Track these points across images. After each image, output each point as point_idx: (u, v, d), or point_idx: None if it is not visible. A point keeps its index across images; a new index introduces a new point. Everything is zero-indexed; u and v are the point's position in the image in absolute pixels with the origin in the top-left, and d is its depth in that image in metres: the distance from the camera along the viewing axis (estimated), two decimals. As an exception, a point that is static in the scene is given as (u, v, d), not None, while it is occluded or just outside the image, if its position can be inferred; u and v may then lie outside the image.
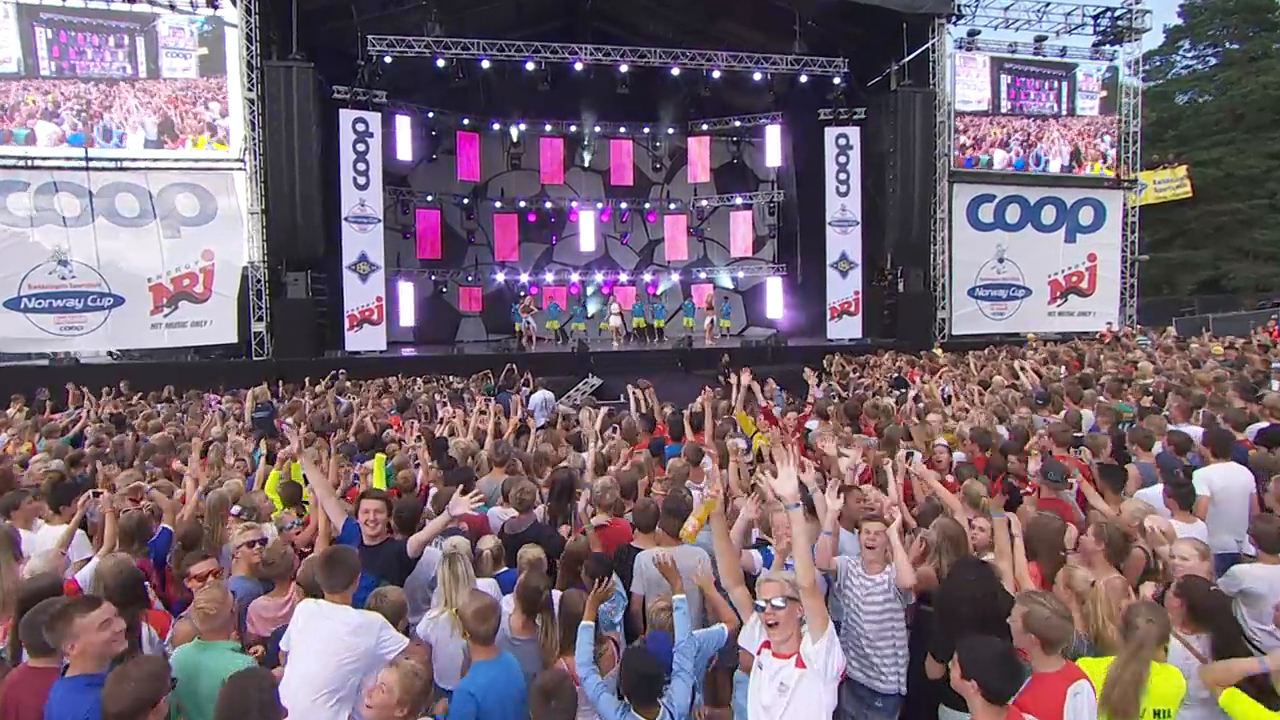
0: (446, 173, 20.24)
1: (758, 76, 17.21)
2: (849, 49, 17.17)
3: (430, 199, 20.15)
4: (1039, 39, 17.93)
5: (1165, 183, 19.24)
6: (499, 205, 21.22)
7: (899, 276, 17.74)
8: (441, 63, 15.81)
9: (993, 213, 17.96)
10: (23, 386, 10.95)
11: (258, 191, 14.79)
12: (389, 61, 15.51)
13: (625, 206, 21.96)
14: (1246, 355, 10.35)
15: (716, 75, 17.04)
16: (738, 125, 21.14)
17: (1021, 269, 18.13)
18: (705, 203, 22.29)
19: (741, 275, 22.29)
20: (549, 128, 20.63)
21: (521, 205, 21.34)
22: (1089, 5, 17.80)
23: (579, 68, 16.34)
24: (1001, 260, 18.02)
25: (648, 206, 22.23)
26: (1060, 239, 18.22)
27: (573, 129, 20.71)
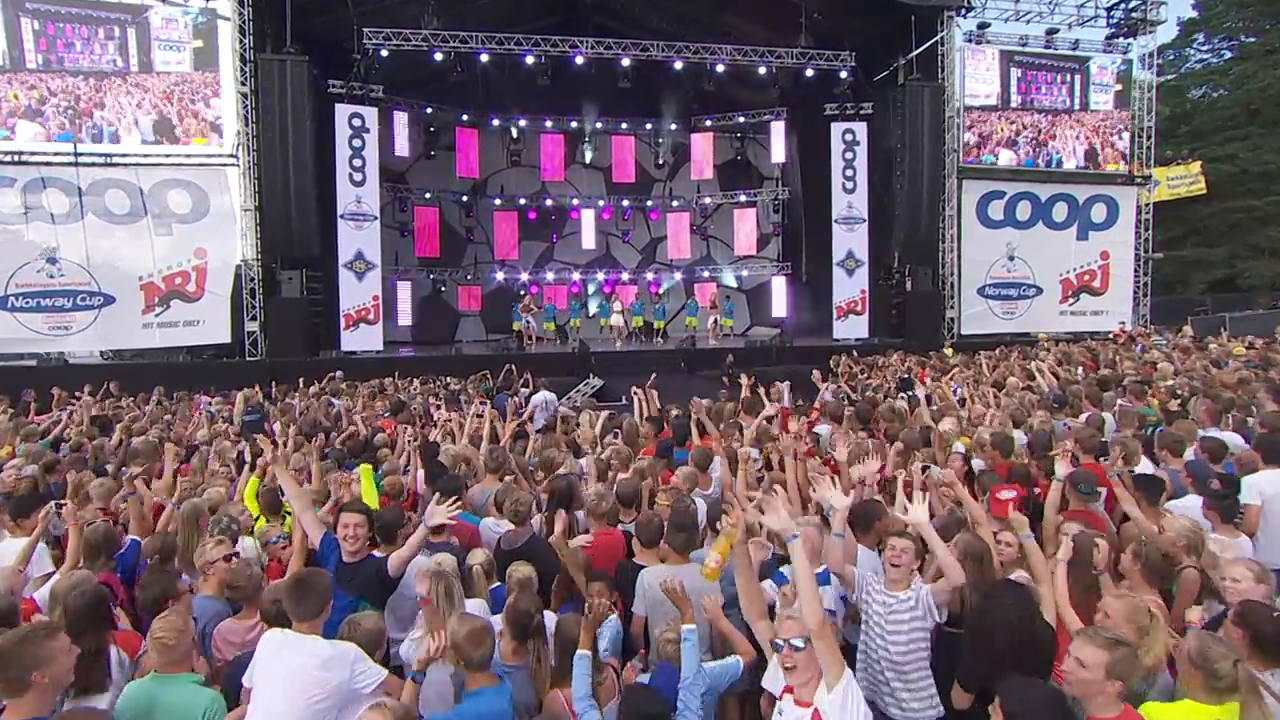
0: (445, 169, 20.10)
1: (762, 71, 17.02)
2: (855, 42, 16.97)
3: (428, 196, 20.03)
4: (1050, 32, 17.67)
5: (1179, 179, 18.93)
6: (498, 203, 21.11)
7: (907, 275, 17.60)
8: (439, 56, 15.67)
9: (1003, 210, 17.74)
10: (9, 388, 10.86)
11: (251, 188, 14.60)
12: (385, 55, 15.35)
13: (627, 204, 21.82)
14: (1270, 356, 10.01)
15: (720, 69, 16.84)
16: (742, 121, 20.96)
17: (1032, 267, 17.90)
18: (708, 200, 22.13)
19: (745, 274, 22.17)
20: (549, 124, 20.51)
21: (521, 203, 21.21)
22: (1102, -3, 17.57)
23: (580, 61, 16.13)
24: (1012, 258, 17.80)
25: (650, 204, 22.12)
26: (1072, 236, 17.98)
27: (574, 125, 20.61)
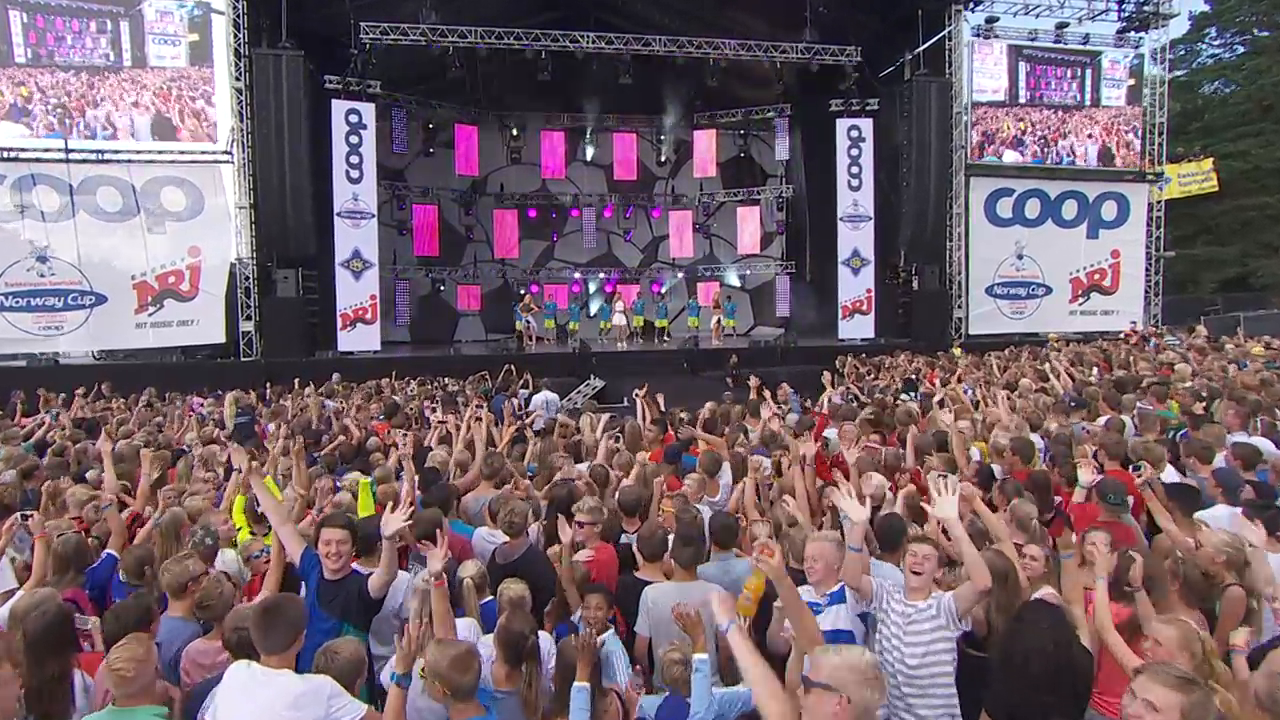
0: (444, 167, 19.88)
1: (766, 66, 16.74)
2: (861, 37, 16.65)
3: (427, 194, 19.83)
4: (1060, 26, 17.36)
5: (1190, 176, 18.60)
6: (498, 201, 20.89)
7: (913, 274, 17.35)
8: (437, 51, 15.36)
9: (1011, 207, 17.48)
10: (-2, 389, 10.53)
11: (246, 185, 14.42)
12: (383, 50, 15.07)
13: (629, 202, 21.59)
14: (1291, 356, 9.72)
15: (723, 65, 16.55)
16: (745, 118, 20.74)
17: (1041, 266, 17.63)
18: (711, 198, 21.89)
19: (749, 273, 21.97)
20: (550, 120, 20.36)
21: (522, 201, 21.02)
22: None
23: (581, 57, 15.84)
24: (1020, 257, 17.53)
25: (652, 202, 21.89)
26: (1082, 235, 17.70)
27: (574, 122, 20.40)
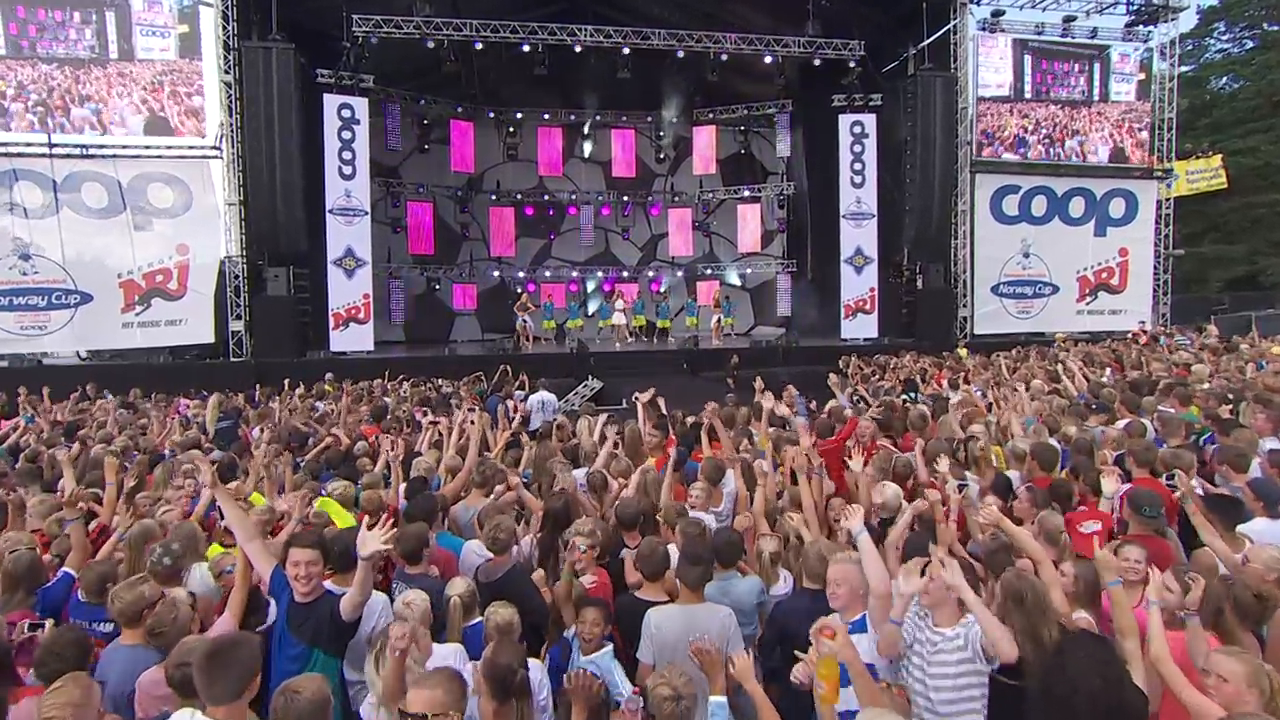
0: (439, 163, 19.68)
1: (767, 60, 16.47)
2: (865, 31, 16.39)
3: (422, 191, 19.58)
4: (1067, 19, 17.04)
5: (1198, 173, 18.28)
6: (495, 198, 20.72)
7: (918, 272, 17.07)
8: (432, 45, 15.07)
9: (1017, 205, 17.18)
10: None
11: (235, 181, 14.15)
12: (376, 43, 14.77)
13: (627, 199, 21.44)
14: (1310, 356, 9.37)
15: (724, 59, 16.25)
16: (746, 113, 20.55)
17: (1048, 264, 17.33)
18: (711, 195, 21.68)
19: (749, 272, 21.76)
20: (547, 116, 20.23)
21: (518, 198, 20.85)
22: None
23: (578, 50, 15.56)
24: (1027, 255, 17.24)
25: (651, 199, 21.71)
26: (1089, 232, 17.39)
27: (572, 118, 20.33)
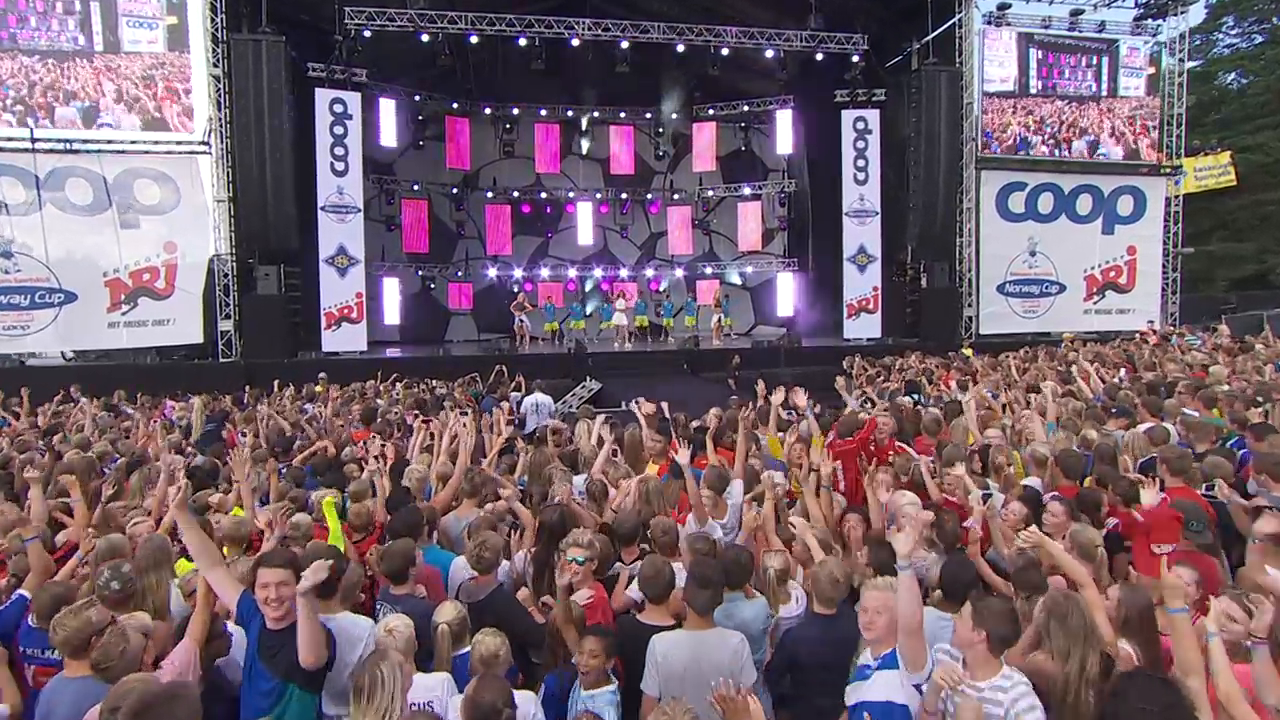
0: (434, 160, 19.41)
1: (769, 55, 16.29)
2: (867, 25, 16.24)
3: (417, 188, 19.28)
4: (1075, 13, 16.78)
5: (1206, 170, 17.98)
6: (491, 195, 20.46)
7: (922, 271, 16.93)
8: (426, 38, 14.82)
9: (1024, 202, 16.91)
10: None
11: (225, 178, 13.90)
12: (369, 36, 14.54)
13: (626, 197, 21.17)
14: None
15: (724, 54, 16.04)
16: (746, 109, 20.27)
17: (1055, 263, 17.06)
18: (711, 193, 21.44)
19: (750, 270, 21.51)
20: (544, 112, 20.00)
21: (515, 196, 20.59)
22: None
23: (576, 44, 15.30)
24: (1033, 253, 16.96)
25: (650, 197, 21.47)
26: (1097, 230, 17.12)
27: (570, 114, 20.09)
